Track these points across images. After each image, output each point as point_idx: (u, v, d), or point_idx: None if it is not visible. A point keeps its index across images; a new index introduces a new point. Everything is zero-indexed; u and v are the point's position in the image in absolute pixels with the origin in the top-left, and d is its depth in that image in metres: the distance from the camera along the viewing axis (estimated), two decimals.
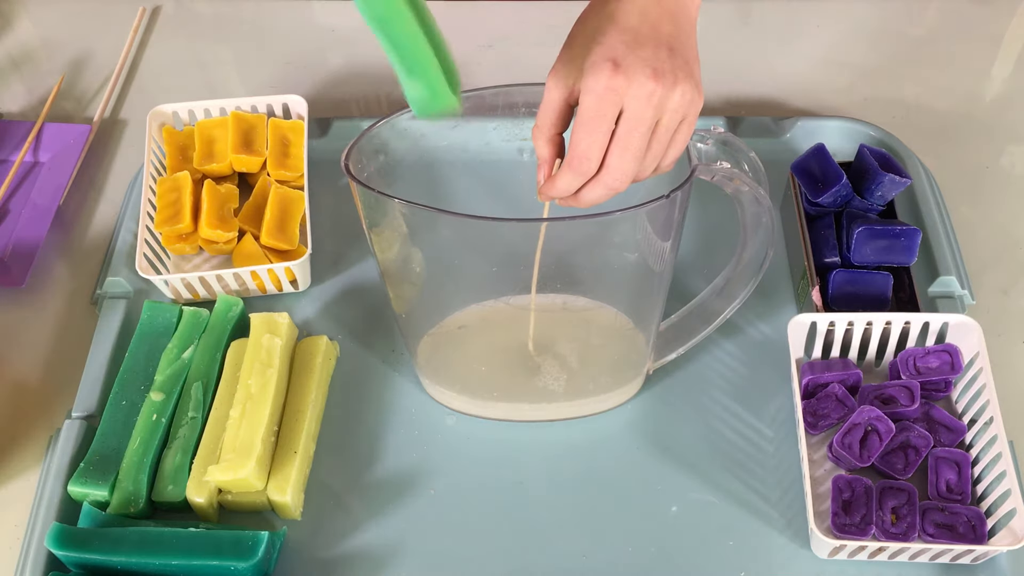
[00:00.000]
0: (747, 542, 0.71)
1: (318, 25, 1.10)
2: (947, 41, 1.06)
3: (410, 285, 0.72)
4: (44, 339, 0.84)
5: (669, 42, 0.58)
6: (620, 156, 0.58)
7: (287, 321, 0.77)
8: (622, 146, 0.58)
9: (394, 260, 0.70)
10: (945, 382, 0.75)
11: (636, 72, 0.56)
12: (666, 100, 0.57)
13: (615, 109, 0.57)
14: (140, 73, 1.05)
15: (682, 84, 0.57)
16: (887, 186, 0.80)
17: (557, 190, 0.60)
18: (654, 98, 0.57)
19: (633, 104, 0.57)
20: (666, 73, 0.57)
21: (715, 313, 0.75)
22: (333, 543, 0.72)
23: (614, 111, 0.57)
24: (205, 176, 0.90)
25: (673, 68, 0.57)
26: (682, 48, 0.58)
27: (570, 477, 0.75)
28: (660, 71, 0.56)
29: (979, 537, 0.68)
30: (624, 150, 0.58)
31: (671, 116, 0.58)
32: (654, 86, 0.56)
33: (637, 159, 0.58)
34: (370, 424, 0.77)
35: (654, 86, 0.56)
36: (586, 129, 0.58)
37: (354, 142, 0.65)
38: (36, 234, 0.89)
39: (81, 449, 0.74)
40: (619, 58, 0.56)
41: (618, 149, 0.58)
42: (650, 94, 0.56)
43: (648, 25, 0.58)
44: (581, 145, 0.58)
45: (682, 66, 0.57)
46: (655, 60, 0.57)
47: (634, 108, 0.57)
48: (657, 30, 0.58)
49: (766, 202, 0.66)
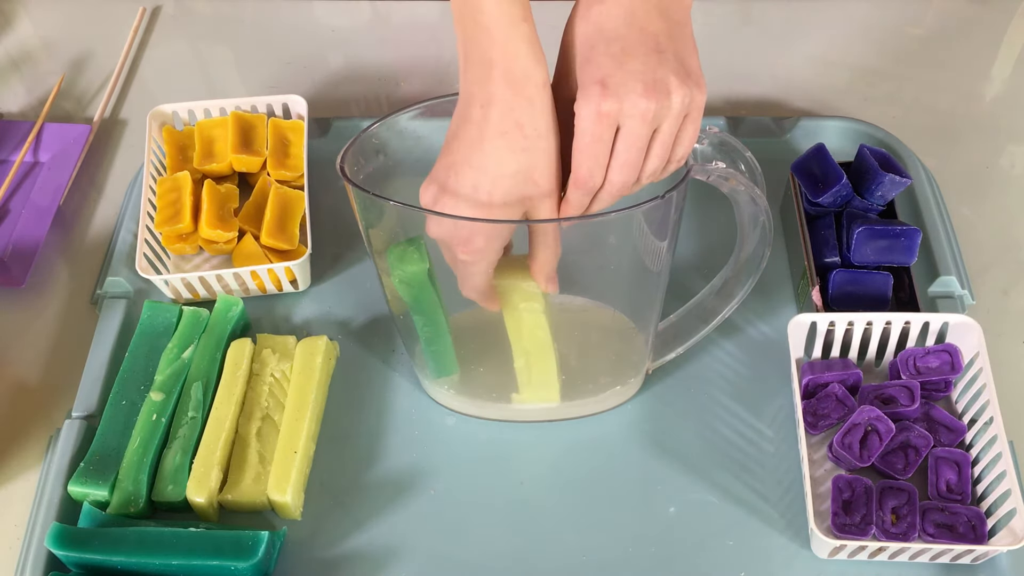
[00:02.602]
0: (747, 542, 0.71)
1: (318, 25, 1.10)
2: (947, 41, 1.06)
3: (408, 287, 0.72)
4: (44, 339, 0.84)
5: (660, 42, 0.57)
6: (619, 171, 0.58)
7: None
8: (621, 162, 0.58)
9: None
10: (945, 382, 0.75)
11: (627, 91, 0.55)
12: (663, 111, 0.56)
13: (611, 131, 0.57)
14: (140, 73, 1.05)
15: (677, 89, 0.56)
16: (887, 186, 0.80)
17: (572, 210, 0.61)
18: (648, 114, 0.56)
19: (628, 123, 0.57)
20: (658, 83, 0.56)
21: (713, 313, 0.75)
22: (333, 543, 0.72)
23: (610, 133, 0.57)
24: (205, 176, 0.90)
25: (666, 74, 0.56)
26: (675, 43, 0.57)
27: (570, 477, 0.75)
28: (652, 83, 0.56)
29: (979, 537, 0.68)
30: (623, 165, 0.58)
31: (671, 123, 0.58)
32: (647, 103, 0.56)
33: (637, 170, 0.59)
34: (370, 424, 0.77)
35: (647, 103, 0.56)
36: (584, 154, 0.58)
37: (350, 144, 0.65)
38: (36, 234, 0.89)
39: (81, 449, 0.74)
40: (607, 77, 0.56)
41: (617, 165, 0.58)
42: (643, 112, 0.56)
43: (636, 29, 0.57)
44: (582, 169, 0.58)
45: (676, 68, 0.56)
46: (645, 72, 0.56)
47: (630, 127, 0.57)
48: (646, 31, 0.57)
49: (763, 202, 0.66)
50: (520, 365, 0.74)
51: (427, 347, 0.73)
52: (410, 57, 1.04)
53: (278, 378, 0.77)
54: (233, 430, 0.74)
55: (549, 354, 0.73)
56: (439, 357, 0.74)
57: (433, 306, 0.70)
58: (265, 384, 0.77)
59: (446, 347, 0.73)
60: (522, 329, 0.71)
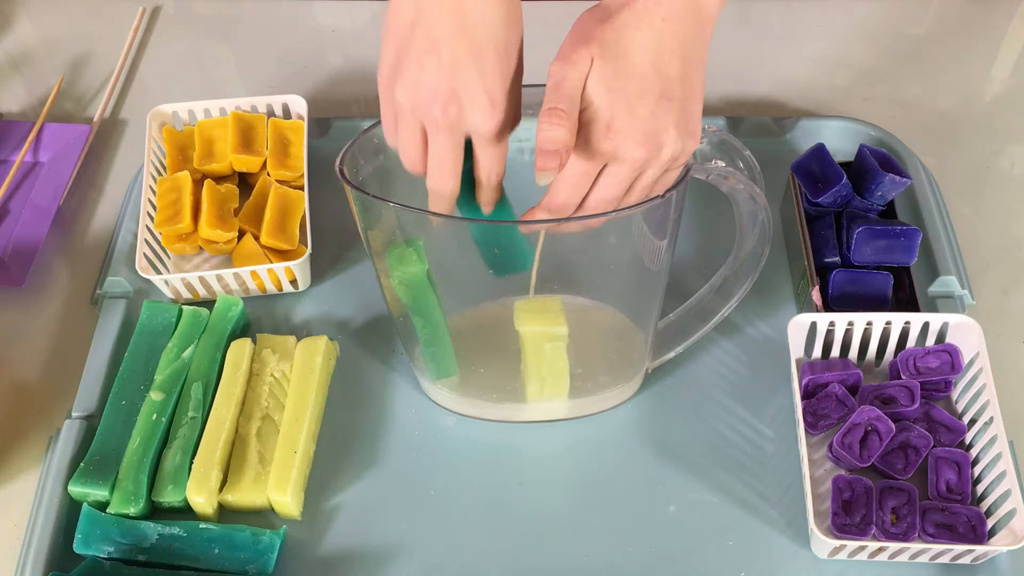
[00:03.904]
0: (747, 542, 0.71)
1: (318, 25, 1.10)
2: (947, 41, 1.06)
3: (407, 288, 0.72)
4: (44, 339, 0.84)
5: (672, 88, 0.56)
6: (597, 205, 0.59)
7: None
8: (599, 196, 0.58)
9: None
10: (945, 382, 0.75)
11: (626, 138, 0.56)
12: (652, 161, 0.57)
13: (598, 167, 0.57)
14: (140, 73, 1.05)
15: (672, 142, 0.56)
16: (887, 186, 0.80)
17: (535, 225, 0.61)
18: (639, 163, 0.57)
19: (617, 167, 0.57)
20: (658, 134, 0.56)
21: (713, 312, 0.75)
22: (333, 543, 0.72)
23: (597, 169, 0.57)
24: (205, 176, 0.90)
25: (667, 125, 0.56)
26: (685, 90, 0.57)
27: (570, 477, 0.75)
28: (651, 134, 0.56)
29: (979, 537, 0.68)
30: (601, 200, 0.59)
31: (655, 170, 0.58)
32: (641, 154, 0.56)
33: (614, 206, 0.59)
34: (370, 424, 0.77)
35: (641, 154, 0.56)
36: (568, 184, 0.58)
37: (348, 146, 0.65)
38: (36, 234, 0.89)
39: (81, 449, 0.74)
40: (614, 119, 0.56)
41: (594, 200, 0.59)
42: (634, 161, 0.56)
43: (656, 69, 0.56)
44: (559, 197, 0.58)
45: (678, 118, 0.56)
46: (649, 121, 0.56)
47: (618, 169, 0.57)
48: (662, 74, 0.56)
49: (762, 201, 0.66)
50: (533, 390, 0.74)
51: (426, 349, 0.73)
52: None
53: (278, 378, 0.77)
54: (233, 430, 0.74)
55: (564, 380, 0.74)
56: (438, 359, 0.74)
57: (432, 307, 0.70)
58: (265, 384, 0.77)
59: (445, 349, 0.73)
60: (542, 362, 0.72)
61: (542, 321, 0.70)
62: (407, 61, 0.56)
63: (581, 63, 0.56)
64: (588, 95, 0.57)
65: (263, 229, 0.84)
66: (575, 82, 0.56)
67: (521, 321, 0.70)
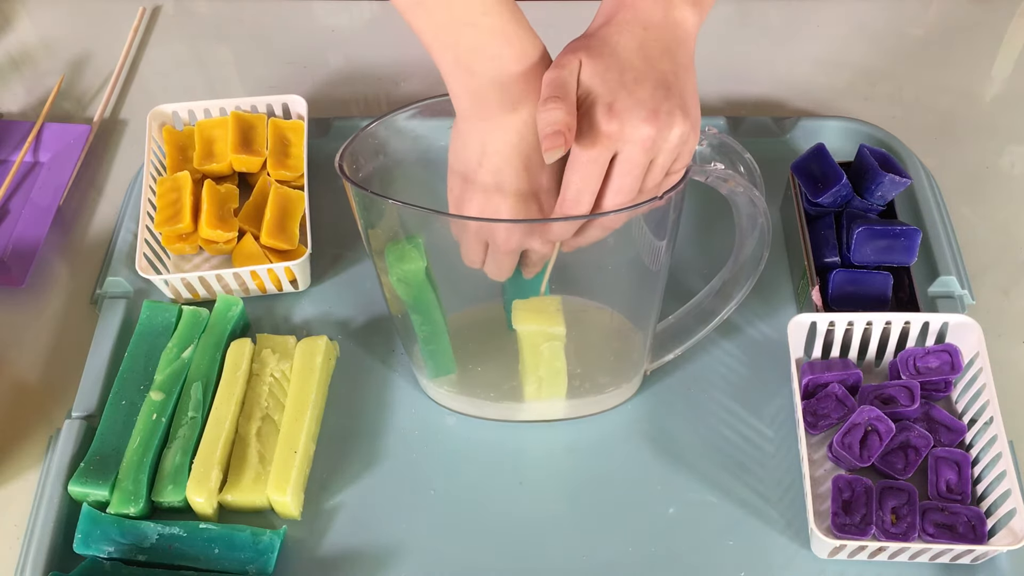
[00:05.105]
0: (747, 542, 0.71)
1: (318, 25, 1.10)
2: (947, 41, 1.06)
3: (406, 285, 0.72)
4: (44, 339, 0.84)
5: (667, 80, 0.57)
6: (613, 198, 0.59)
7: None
8: (615, 189, 0.59)
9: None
10: (945, 382, 0.75)
11: (631, 115, 0.56)
12: (661, 142, 0.57)
13: (609, 153, 0.57)
14: (140, 73, 1.05)
15: (678, 125, 0.57)
16: (887, 186, 0.80)
17: (555, 234, 0.61)
18: (648, 142, 0.57)
19: (628, 148, 0.57)
20: (662, 114, 0.56)
21: (712, 314, 0.75)
22: (333, 543, 0.72)
23: (608, 155, 0.57)
24: (205, 176, 0.90)
25: (670, 108, 0.57)
26: (679, 86, 0.58)
27: (569, 477, 0.75)
28: (656, 112, 0.56)
29: (979, 537, 0.68)
30: (617, 192, 0.59)
31: (666, 156, 0.58)
32: (649, 130, 0.56)
33: (630, 199, 0.59)
34: (370, 424, 0.77)
35: (649, 130, 0.56)
36: (580, 174, 0.58)
37: (348, 143, 0.65)
38: (36, 234, 0.89)
39: (81, 449, 0.74)
40: (615, 101, 0.56)
41: (611, 192, 0.59)
42: (644, 139, 0.56)
43: (648, 63, 0.57)
44: (572, 188, 0.58)
45: (679, 105, 0.57)
46: (652, 100, 0.56)
47: (628, 152, 0.57)
48: (655, 67, 0.57)
49: (761, 204, 0.66)
50: (531, 389, 0.74)
51: (425, 346, 0.73)
52: (410, 57, 1.04)
53: (278, 378, 0.77)
54: (233, 430, 0.74)
55: (562, 380, 0.74)
56: (437, 356, 0.74)
57: (431, 305, 0.70)
58: (265, 384, 0.77)
59: (444, 346, 0.73)
60: (540, 362, 0.72)
61: (540, 320, 0.70)
62: (473, 192, 0.62)
63: (570, 64, 0.57)
64: (585, 85, 0.57)
65: (263, 229, 0.84)
66: (567, 77, 0.57)
67: (519, 320, 0.70)
